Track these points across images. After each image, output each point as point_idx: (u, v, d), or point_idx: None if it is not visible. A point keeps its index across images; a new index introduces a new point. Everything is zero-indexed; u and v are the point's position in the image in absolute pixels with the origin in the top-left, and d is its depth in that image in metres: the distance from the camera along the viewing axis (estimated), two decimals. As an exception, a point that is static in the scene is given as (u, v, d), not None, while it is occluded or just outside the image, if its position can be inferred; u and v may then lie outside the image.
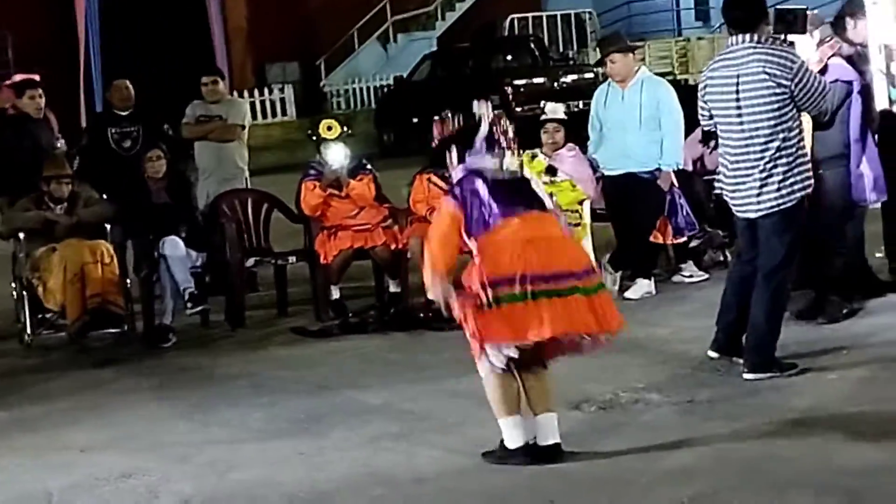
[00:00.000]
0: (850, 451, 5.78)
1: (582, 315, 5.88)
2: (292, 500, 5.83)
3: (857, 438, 5.94)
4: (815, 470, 5.57)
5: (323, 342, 9.11)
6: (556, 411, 6.06)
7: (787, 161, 7.02)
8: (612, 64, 9.91)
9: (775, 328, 7.14)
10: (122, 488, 6.19)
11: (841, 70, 8.15)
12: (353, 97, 29.56)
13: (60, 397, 8.18)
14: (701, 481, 5.57)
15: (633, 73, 9.88)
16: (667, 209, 9.85)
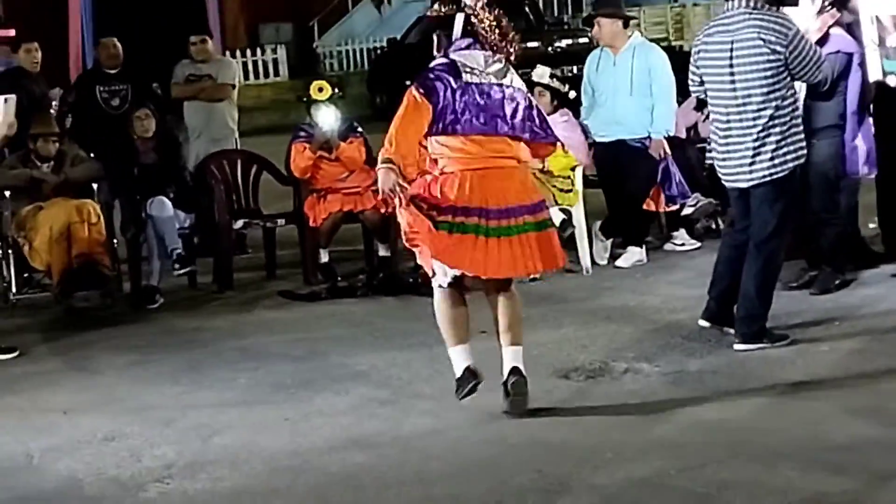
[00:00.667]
0: (840, 425, 5.72)
1: (529, 255, 5.98)
2: (275, 465, 5.76)
3: (848, 412, 5.88)
4: (804, 443, 5.51)
5: (311, 306, 9.04)
6: (521, 344, 6.22)
7: (780, 130, 6.94)
8: (598, 28, 9.85)
9: (766, 299, 7.09)
10: (104, 451, 6.13)
11: (842, 41, 8.06)
12: (347, 59, 29.41)
13: (44, 358, 8.12)
14: (689, 453, 5.51)
15: (625, 39, 9.79)
16: (660, 177, 9.76)
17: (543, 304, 8.49)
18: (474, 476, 5.45)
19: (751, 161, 6.97)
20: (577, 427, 5.97)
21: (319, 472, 5.64)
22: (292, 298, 9.30)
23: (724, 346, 7.11)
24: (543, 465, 5.48)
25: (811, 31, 8.00)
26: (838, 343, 7.02)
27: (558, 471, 5.42)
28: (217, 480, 5.64)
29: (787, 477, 5.11)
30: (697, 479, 5.17)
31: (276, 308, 9.12)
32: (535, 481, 5.32)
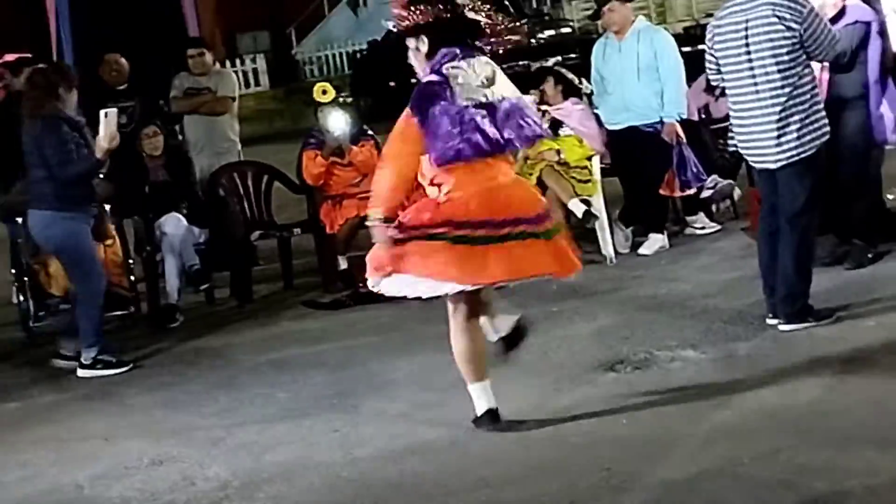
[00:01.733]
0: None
1: (536, 257, 5.72)
2: (333, 479, 5.63)
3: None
4: (873, 421, 5.40)
5: (336, 314, 8.93)
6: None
7: (803, 108, 6.85)
8: (610, 13, 9.74)
9: (806, 275, 6.98)
10: (154, 476, 5.99)
11: (859, 11, 7.98)
12: (327, 64, 29.28)
13: (72, 385, 7.98)
14: (757, 440, 5.38)
15: (630, 24, 9.70)
16: (674, 161, 9.67)
17: (574, 297, 8.38)
18: (541, 478, 5.32)
19: (777, 141, 6.88)
20: (636, 421, 5.85)
21: (380, 483, 5.51)
22: (316, 308, 9.17)
23: (768, 328, 7.01)
24: (610, 463, 5.36)
25: (828, 3, 7.93)
26: (884, 317, 6.90)
27: (626, 467, 5.30)
28: (277, 499, 5.51)
29: (867, 458, 4.99)
30: (774, 467, 5.05)
31: (301, 318, 9.00)
32: (605, 479, 5.20)
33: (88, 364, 8.06)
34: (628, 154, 9.67)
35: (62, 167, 7.87)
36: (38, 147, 7.94)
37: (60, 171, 7.88)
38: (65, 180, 7.90)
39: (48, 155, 7.89)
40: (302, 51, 29.74)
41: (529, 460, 5.56)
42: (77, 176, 7.94)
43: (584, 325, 7.65)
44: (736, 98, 7.07)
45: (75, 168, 7.89)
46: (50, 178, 7.94)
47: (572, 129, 9.65)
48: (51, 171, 7.91)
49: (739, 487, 4.94)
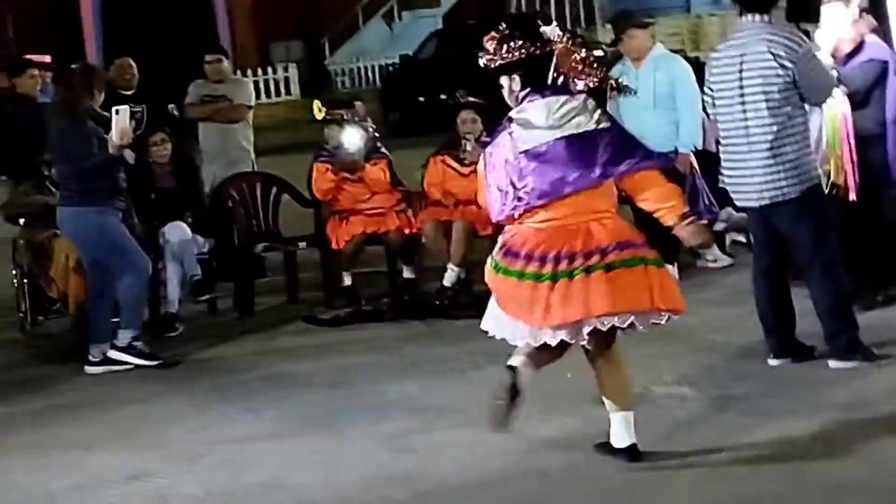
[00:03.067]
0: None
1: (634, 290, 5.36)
2: (310, 503, 5.51)
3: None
4: (867, 473, 5.24)
5: (335, 331, 8.79)
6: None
7: (791, 149, 6.71)
8: (630, 40, 9.59)
9: (843, 313, 6.78)
10: (129, 491, 5.88)
11: (876, 49, 7.83)
12: (358, 76, 29.23)
13: (63, 391, 7.88)
14: (744, 486, 5.24)
15: (648, 51, 9.57)
16: (687, 192, 9.50)
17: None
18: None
19: (761, 180, 6.75)
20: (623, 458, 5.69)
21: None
22: (316, 324, 9.04)
23: (770, 367, 6.85)
24: (592, 500, 5.23)
25: (845, 39, 7.78)
26: (888, 363, 6.72)
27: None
28: (249, 521, 5.39)
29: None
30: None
31: (300, 334, 8.87)
32: (585, 518, 5.07)
33: (122, 347, 8.17)
34: (642, 182, 9.49)
35: (82, 160, 7.99)
36: (64, 142, 8.09)
37: (80, 164, 8.01)
38: (84, 173, 8.02)
39: (72, 149, 8.03)
40: (334, 61, 29.71)
41: (510, 495, 5.41)
42: (94, 168, 8.03)
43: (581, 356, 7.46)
44: (726, 133, 6.95)
45: (92, 161, 8.00)
46: (75, 175, 8.09)
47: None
48: (72, 165, 8.06)
49: (721, 535, 4.79)
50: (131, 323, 8.23)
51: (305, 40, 29.79)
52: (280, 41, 29.44)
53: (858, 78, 7.72)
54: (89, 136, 8.04)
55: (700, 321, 8.09)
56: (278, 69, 28.46)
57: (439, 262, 9.37)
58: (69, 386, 7.97)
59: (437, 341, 8.12)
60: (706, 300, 8.70)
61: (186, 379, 7.89)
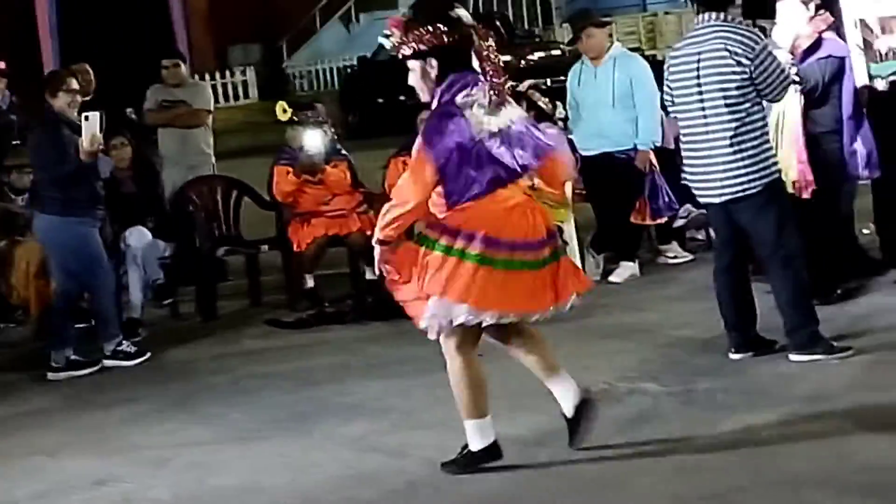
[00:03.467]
0: (865, 444, 5.47)
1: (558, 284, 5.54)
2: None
3: (870, 429, 5.62)
4: (829, 464, 5.28)
5: (299, 334, 8.79)
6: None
7: (750, 145, 6.74)
8: (586, 39, 9.64)
9: (803, 307, 6.82)
10: (95, 496, 5.87)
11: (833, 45, 7.89)
12: (317, 78, 29.19)
13: (26, 397, 7.86)
14: (709, 479, 5.27)
15: (606, 50, 9.62)
16: (647, 189, 9.56)
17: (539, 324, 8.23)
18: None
19: (722, 176, 6.79)
20: (588, 455, 5.69)
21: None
22: (279, 326, 9.03)
23: (732, 362, 6.90)
24: (559, 496, 5.26)
25: (803, 35, 7.85)
26: (850, 356, 6.75)
27: (575, 501, 5.18)
28: (216, 525, 5.39)
29: (818, 502, 4.87)
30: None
31: (264, 337, 8.86)
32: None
33: (110, 355, 8.25)
34: (601, 180, 9.56)
35: (57, 166, 8.01)
36: (39, 148, 8.18)
37: (56, 171, 8.03)
38: (62, 181, 8.03)
39: (48, 156, 8.07)
40: (292, 64, 29.65)
41: (477, 492, 5.42)
42: (66, 175, 8.02)
43: (547, 353, 7.50)
44: (686, 131, 6.99)
45: (65, 168, 7.99)
46: (54, 183, 8.10)
47: (544, 153, 9.52)
48: (49, 172, 8.10)
49: (685, 528, 4.82)
50: (114, 335, 8.30)
51: (263, 43, 29.72)
52: (238, 44, 29.35)
53: (816, 74, 7.78)
54: (64, 144, 8.02)
55: (662, 317, 8.18)
56: (236, 73, 28.38)
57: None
58: (32, 393, 7.95)
59: (401, 342, 8.09)
60: (667, 296, 8.78)
61: (150, 383, 7.86)
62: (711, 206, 7.04)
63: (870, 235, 9.03)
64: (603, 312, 8.48)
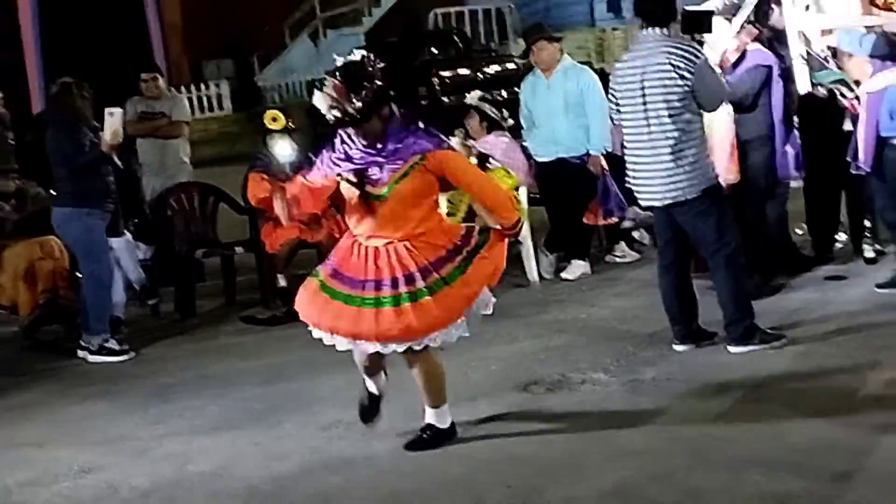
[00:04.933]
0: (798, 427, 5.54)
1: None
2: (252, 490, 5.51)
3: (803, 414, 5.70)
4: (765, 446, 5.33)
5: (272, 330, 8.77)
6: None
7: (691, 152, 6.79)
8: (538, 51, 9.69)
9: (742, 302, 6.88)
10: (81, 484, 5.84)
11: (760, 55, 8.00)
12: (287, 91, 29.06)
13: (14, 392, 7.80)
14: (655, 462, 5.30)
15: (557, 62, 9.66)
16: (599, 192, 9.62)
17: (497, 319, 8.11)
18: (448, 493, 5.23)
19: (664, 181, 6.83)
20: (543, 440, 5.76)
21: (296, 496, 5.40)
22: (253, 323, 9.02)
23: (674, 353, 6.95)
24: (515, 480, 5.27)
25: (730, 49, 7.93)
26: (787, 347, 6.83)
27: (529, 484, 5.21)
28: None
29: (755, 482, 4.92)
30: (669, 488, 4.97)
31: (239, 334, 8.85)
32: (508, 496, 5.11)
33: (96, 350, 8.26)
34: (555, 184, 9.61)
35: (75, 158, 8.16)
36: (59, 144, 8.27)
37: (73, 163, 8.17)
38: (77, 173, 8.17)
39: (66, 149, 8.20)
40: (264, 78, 29.52)
41: (437, 476, 5.44)
42: (87, 164, 8.19)
43: (504, 347, 7.56)
44: (630, 138, 7.03)
45: (85, 158, 8.16)
46: (69, 176, 8.21)
47: (498, 161, 9.55)
48: (68, 166, 8.19)
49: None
50: (98, 327, 8.29)
51: (236, 58, 29.58)
52: (212, 59, 29.21)
53: (747, 84, 7.87)
54: (82, 138, 8.21)
55: (611, 312, 8.22)
56: (211, 86, 28.21)
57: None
58: (19, 388, 7.89)
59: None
60: (617, 293, 8.82)
61: (131, 377, 7.84)
62: (654, 208, 7.09)
63: (802, 235, 9.13)
64: (557, 308, 8.53)
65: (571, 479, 5.24)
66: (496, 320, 8.12)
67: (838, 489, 4.81)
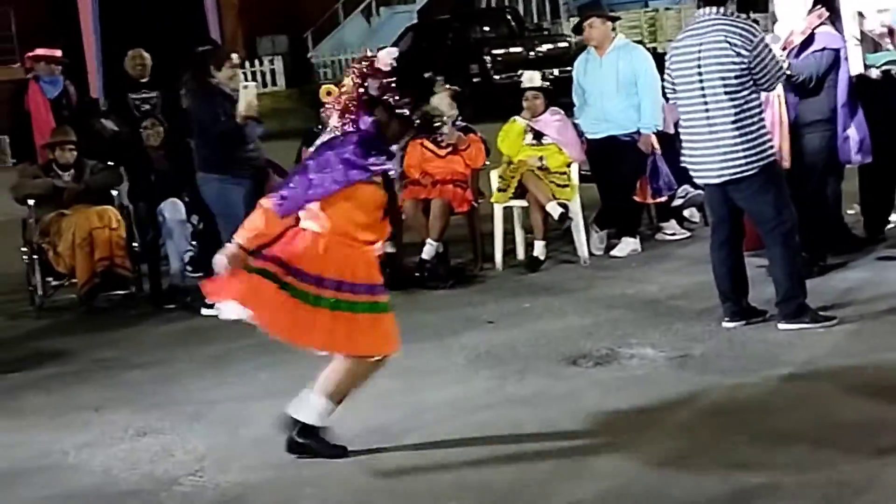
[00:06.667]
0: (846, 404, 5.56)
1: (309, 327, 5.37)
2: (303, 456, 5.58)
3: (852, 391, 5.71)
4: (813, 423, 5.34)
5: (323, 301, 8.83)
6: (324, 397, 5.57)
7: (751, 129, 6.79)
8: (590, 29, 9.69)
9: (797, 279, 6.89)
10: (137, 447, 5.95)
11: (828, 38, 7.92)
12: (340, 68, 29.16)
13: (72, 358, 7.94)
14: (702, 435, 5.34)
15: (611, 41, 9.67)
16: (648, 170, 9.62)
17: (546, 294, 8.36)
18: (498, 463, 5.28)
19: (722, 159, 6.83)
20: (591, 414, 5.78)
21: (347, 462, 5.46)
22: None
23: (723, 330, 6.96)
24: (562, 451, 5.33)
25: (796, 31, 7.88)
26: (834, 325, 6.82)
27: (577, 455, 5.25)
28: (248, 472, 5.47)
29: (800, 455, 4.95)
30: (715, 461, 5.01)
31: (291, 304, 8.91)
32: (557, 466, 5.16)
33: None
34: (605, 162, 9.61)
35: (211, 127, 8.45)
36: (197, 113, 8.65)
37: (209, 131, 8.48)
38: (212, 141, 8.47)
39: (203, 118, 8.54)
40: (317, 55, 29.67)
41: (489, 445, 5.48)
42: (220, 134, 8.45)
43: (553, 321, 7.60)
44: (687, 116, 7.03)
45: (219, 127, 8.42)
46: (205, 144, 8.57)
47: (551, 138, 9.59)
48: (204, 134, 8.55)
49: (680, 478, 4.90)
50: None
51: (290, 34, 29.73)
52: (266, 35, 29.38)
53: (812, 67, 7.81)
54: (216, 108, 8.47)
55: (660, 289, 8.24)
56: (265, 62, 28.40)
57: (418, 238, 9.45)
58: (75, 354, 8.03)
59: (417, 309, 8.19)
60: (666, 270, 8.83)
61: (184, 346, 7.95)
62: (710, 186, 7.08)
63: (855, 216, 9.08)
64: (606, 284, 8.56)
65: (618, 451, 5.27)
66: (544, 295, 8.28)
67: (885, 466, 4.82)
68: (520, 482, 5.02)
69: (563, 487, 4.93)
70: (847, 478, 4.71)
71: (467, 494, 4.94)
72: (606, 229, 9.66)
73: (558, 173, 9.41)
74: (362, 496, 5.06)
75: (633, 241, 9.55)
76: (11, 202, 9.82)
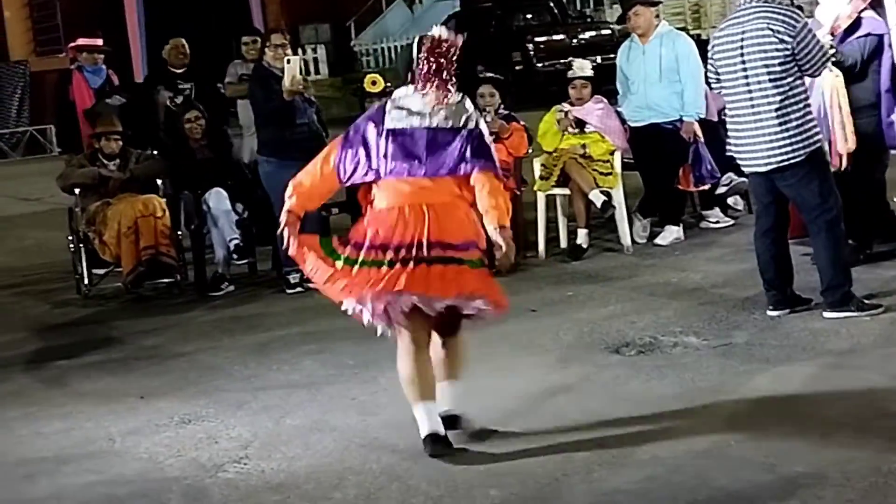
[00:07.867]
0: (890, 393, 5.50)
1: (459, 280, 5.28)
2: (347, 444, 5.61)
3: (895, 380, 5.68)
4: (858, 412, 5.31)
5: (366, 290, 8.86)
6: (460, 380, 5.56)
7: (794, 117, 6.75)
8: (635, 17, 9.65)
9: (842, 267, 6.85)
10: (181, 434, 5.99)
11: (873, 23, 7.84)
12: (382, 56, 29.20)
13: (118, 346, 8.01)
14: (745, 424, 5.31)
15: (654, 28, 9.63)
16: (690, 158, 9.58)
17: (589, 282, 8.35)
18: (539, 452, 5.27)
19: (767, 146, 6.79)
20: (634, 401, 5.78)
21: (390, 450, 5.48)
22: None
23: (767, 319, 6.92)
24: (605, 439, 5.31)
25: (842, 16, 7.80)
26: (879, 314, 6.77)
27: (619, 444, 5.24)
28: (292, 459, 5.49)
29: (846, 444, 4.92)
30: (758, 449, 4.98)
31: (334, 293, 8.94)
32: (599, 455, 5.15)
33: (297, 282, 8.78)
34: (648, 149, 9.58)
35: (263, 108, 8.72)
36: (251, 98, 8.94)
37: (262, 109, 8.75)
38: (264, 121, 8.74)
39: (257, 98, 8.81)
40: (360, 43, 29.69)
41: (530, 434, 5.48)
42: (270, 114, 8.64)
43: (596, 310, 7.59)
44: (732, 105, 7.00)
45: (269, 107, 8.61)
46: (260, 125, 8.90)
47: (594, 126, 9.57)
48: (259, 115, 8.85)
49: (723, 467, 4.87)
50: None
51: (333, 23, 29.77)
52: (309, 23, 29.43)
53: (856, 52, 7.74)
54: (266, 89, 8.67)
55: (704, 277, 8.20)
56: (308, 50, 28.46)
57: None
58: (121, 342, 8.09)
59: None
60: (710, 258, 8.79)
61: (229, 334, 8.00)
62: (755, 174, 7.04)
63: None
64: (649, 272, 8.54)
65: (661, 439, 5.26)
66: (587, 283, 8.27)
67: (931, 455, 4.78)
68: (561, 470, 5.01)
69: (605, 476, 4.92)
70: (893, 468, 4.67)
71: (508, 482, 4.94)
72: (649, 217, 9.64)
73: (601, 161, 9.39)
74: (403, 484, 5.07)
75: (677, 230, 9.51)
76: (58, 191, 9.94)
